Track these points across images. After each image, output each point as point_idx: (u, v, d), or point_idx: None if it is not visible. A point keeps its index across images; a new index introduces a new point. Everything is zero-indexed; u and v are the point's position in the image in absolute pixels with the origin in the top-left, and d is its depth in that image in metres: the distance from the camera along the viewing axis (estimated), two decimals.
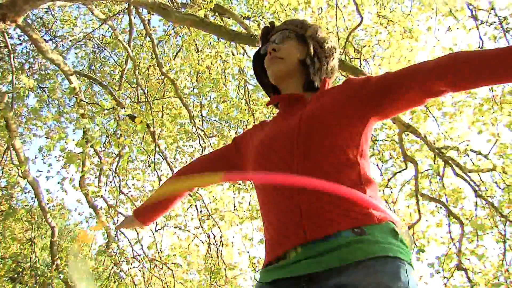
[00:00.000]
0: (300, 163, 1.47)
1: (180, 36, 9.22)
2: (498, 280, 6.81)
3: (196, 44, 8.60)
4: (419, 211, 7.08)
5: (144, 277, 8.48)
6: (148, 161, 8.75)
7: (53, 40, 10.31)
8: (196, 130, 7.86)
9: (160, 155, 7.93)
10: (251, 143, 1.76)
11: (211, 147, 8.14)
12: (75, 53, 10.36)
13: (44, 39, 7.52)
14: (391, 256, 1.27)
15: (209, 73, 8.38)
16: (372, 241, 1.29)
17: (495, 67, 1.33)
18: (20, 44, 9.88)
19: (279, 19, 7.81)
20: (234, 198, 8.68)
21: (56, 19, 10.00)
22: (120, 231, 7.96)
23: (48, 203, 8.31)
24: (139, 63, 8.96)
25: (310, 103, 1.65)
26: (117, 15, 8.77)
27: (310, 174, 1.43)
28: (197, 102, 9.20)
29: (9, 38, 7.64)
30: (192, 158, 9.35)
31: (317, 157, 1.46)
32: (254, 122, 7.90)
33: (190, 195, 7.14)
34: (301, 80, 1.76)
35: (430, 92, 1.48)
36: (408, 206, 8.14)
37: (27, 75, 9.24)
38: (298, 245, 1.37)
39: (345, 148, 1.47)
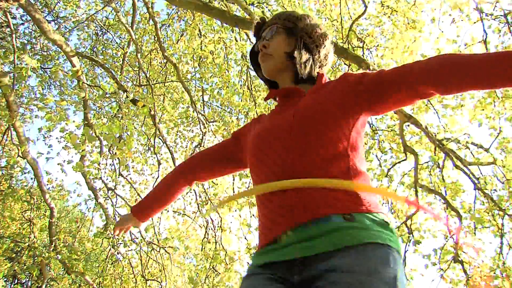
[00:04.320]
0: (292, 155, 1.51)
1: (183, 20, 9.18)
2: (494, 273, 6.82)
3: (199, 29, 8.56)
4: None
5: (141, 260, 8.52)
6: (148, 145, 8.75)
7: (56, 21, 10.28)
8: (197, 115, 7.85)
9: (160, 138, 7.93)
10: (249, 136, 1.81)
11: (212, 132, 8.13)
12: (78, 34, 10.32)
13: (47, 20, 7.48)
14: (380, 243, 1.32)
15: (212, 58, 8.35)
16: (362, 228, 1.34)
17: (482, 74, 1.35)
18: (23, 24, 9.86)
19: (283, 6, 7.77)
20: (233, 183, 8.68)
21: (59, 0, 9.95)
22: (118, 212, 7.97)
23: (47, 184, 8.33)
24: (142, 46, 8.93)
25: (305, 97, 1.68)
26: None
27: (301, 166, 1.48)
28: (199, 87, 9.18)
29: (11, 17, 7.61)
30: (192, 142, 9.35)
31: (308, 150, 1.49)
32: (255, 108, 7.89)
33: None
34: (291, 74, 1.79)
35: (419, 94, 1.52)
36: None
37: (29, 55, 9.21)
38: (289, 229, 1.41)
39: (335, 141, 1.50)
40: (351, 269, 1.24)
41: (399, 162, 7.60)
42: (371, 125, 8.01)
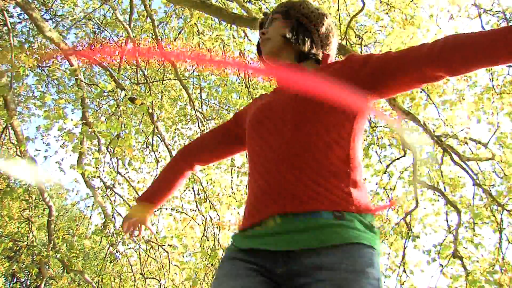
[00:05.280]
0: (291, 132, 1.49)
1: (181, 18, 9.16)
2: (493, 268, 6.82)
3: (197, 27, 8.54)
4: (416, 198, 7.09)
5: (140, 258, 8.51)
6: (146, 143, 8.73)
7: (53, 20, 10.26)
8: (195, 112, 7.84)
9: (158, 136, 7.92)
10: (250, 113, 1.79)
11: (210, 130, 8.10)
12: (75, 33, 10.31)
13: (44, 18, 7.46)
14: (366, 244, 1.34)
15: (210, 56, 8.33)
16: (350, 227, 1.35)
17: (487, 49, 1.33)
18: (20, 22, 9.82)
19: (280, 2, 7.75)
20: (231, 181, 8.67)
21: None
22: (116, 211, 7.96)
23: (45, 183, 8.30)
24: (140, 44, 8.91)
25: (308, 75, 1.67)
26: None
27: (300, 145, 1.46)
28: (197, 84, 9.17)
29: (9, 16, 7.59)
30: (190, 140, 9.33)
31: (309, 129, 1.48)
32: None
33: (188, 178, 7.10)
34: (292, 54, 1.77)
35: (426, 77, 1.48)
36: (406, 194, 8.14)
37: (27, 54, 9.19)
38: (277, 214, 1.40)
39: (338, 126, 1.49)
40: (338, 268, 1.26)
41: (398, 159, 7.61)
42: (370, 122, 7.99)
